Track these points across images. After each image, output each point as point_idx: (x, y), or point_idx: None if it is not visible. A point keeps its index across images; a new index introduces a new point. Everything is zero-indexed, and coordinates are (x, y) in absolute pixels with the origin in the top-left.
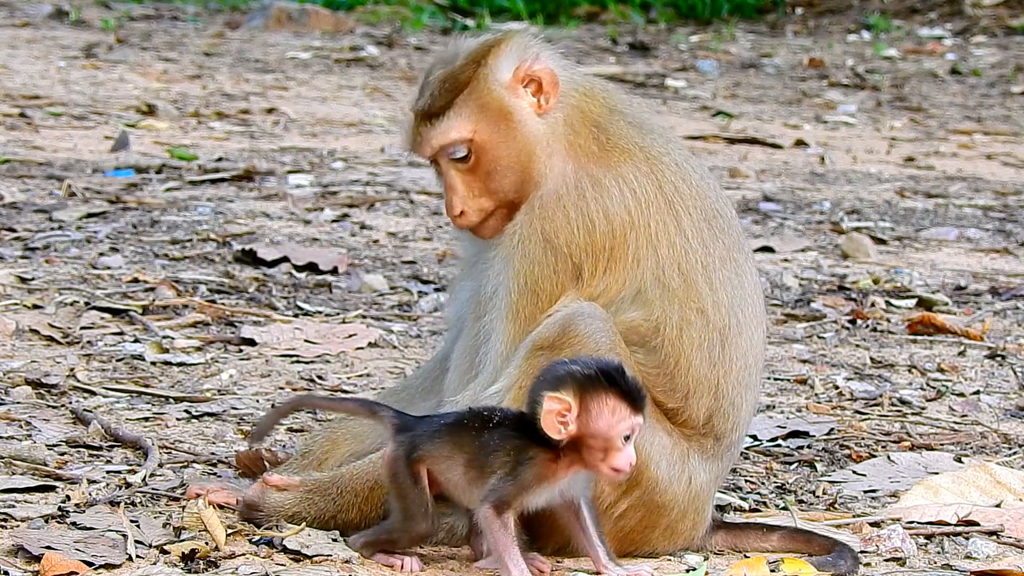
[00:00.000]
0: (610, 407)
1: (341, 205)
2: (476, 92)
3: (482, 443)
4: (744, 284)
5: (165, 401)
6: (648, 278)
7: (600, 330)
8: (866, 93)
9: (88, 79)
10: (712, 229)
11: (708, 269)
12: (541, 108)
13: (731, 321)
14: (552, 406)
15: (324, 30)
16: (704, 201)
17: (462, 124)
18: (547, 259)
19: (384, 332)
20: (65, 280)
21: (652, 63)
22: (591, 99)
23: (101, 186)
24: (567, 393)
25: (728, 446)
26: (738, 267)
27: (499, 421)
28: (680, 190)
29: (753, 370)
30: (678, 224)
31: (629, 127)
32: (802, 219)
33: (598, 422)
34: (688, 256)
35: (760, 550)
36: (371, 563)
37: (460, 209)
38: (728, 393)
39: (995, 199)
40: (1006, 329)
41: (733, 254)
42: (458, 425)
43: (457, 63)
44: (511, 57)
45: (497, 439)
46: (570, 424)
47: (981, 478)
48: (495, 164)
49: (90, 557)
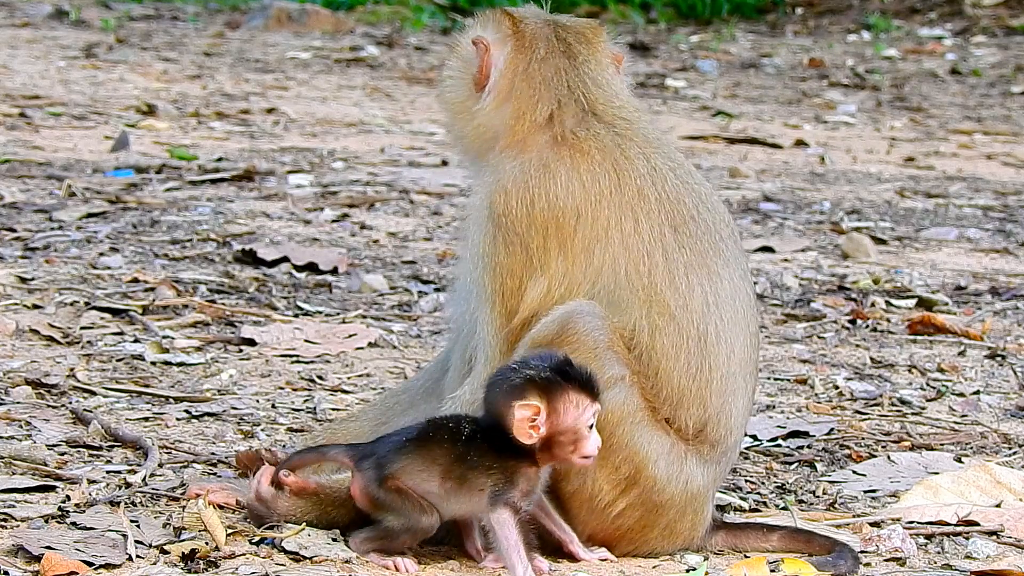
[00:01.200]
0: (573, 401)
1: (341, 205)
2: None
3: (457, 455)
4: (719, 290)
5: (165, 401)
6: (606, 275)
7: (598, 327)
8: (866, 93)
9: (88, 79)
10: (679, 235)
11: (673, 273)
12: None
13: (707, 328)
14: (524, 413)
15: (324, 30)
16: (675, 206)
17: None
18: (494, 231)
19: (384, 332)
20: (65, 280)
21: (652, 63)
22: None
23: (101, 186)
24: (533, 398)
25: (725, 451)
26: (712, 273)
27: (470, 433)
28: (644, 194)
29: (739, 376)
30: (636, 226)
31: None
32: (802, 219)
33: (566, 418)
34: (647, 259)
35: (760, 550)
36: (372, 563)
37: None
38: (714, 402)
39: (995, 199)
40: (1006, 329)
41: (707, 260)
42: (424, 438)
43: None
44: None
45: (474, 454)
46: (540, 427)
47: (981, 478)
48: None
49: (90, 557)
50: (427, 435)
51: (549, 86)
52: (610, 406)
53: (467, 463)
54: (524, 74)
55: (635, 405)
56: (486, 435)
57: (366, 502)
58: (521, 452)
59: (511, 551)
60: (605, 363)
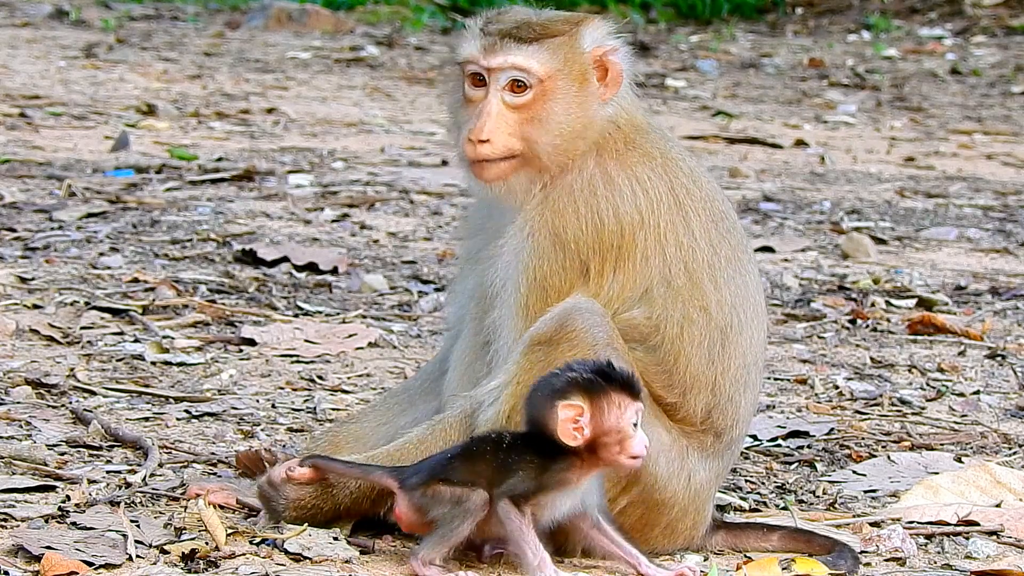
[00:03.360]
0: (616, 401)
1: (341, 205)
2: (567, 46)
3: (499, 464)
4: (747, 284)
5: (165, 401)
6: (655, 277)
7: (597, 325)
8: (866, 93)
9: (88, 79)
10: (719, 230)
11: (713, 268)
12: (604, 95)
13: (733, 320)
14: (567, 414)
15: (324, 30)
16: (712, 203)
17: (546, 60)
18: (556, 254)
19: (384, 332)
20: (65, 280)
21: (652, 63)
22: (634, 104)
23: (101, 186)
24: (576, 399)
25: (728, 444)
26: (741, 267)
27: (511, 442)
28: (691, 192)
29: (752, 369)
30: (687, 224)
31: (656, 133)
32: (802, 219)
33: (609, 418)
34: (695, 255)
35: (760, 550)
36: (372, 563)
37: (489, 135)
38: (726, 389)
39: (995, 199)
40: (1006, 329)
41: (737, 254)
42: (468, 452)
43: (554, 15)
44: (597, 35)
45: (517, 462)
46: (584, 428)
47: (981, 478)
48: (548, 114)
49: (90, 557)
50: (471, 449)
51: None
52: None
53: (507, 471)
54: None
55: None
56: (529, 442)
57: (413, 516)
58: (563, 453)
59: (521, 540)
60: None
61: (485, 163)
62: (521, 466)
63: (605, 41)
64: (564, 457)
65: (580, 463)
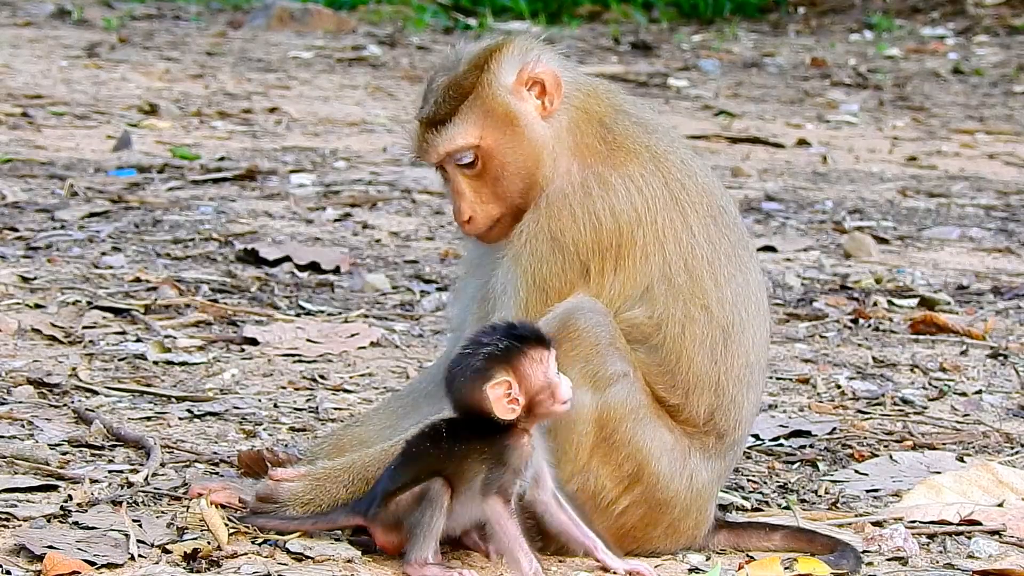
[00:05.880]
0: (535, 358)
1: (343, 204)
2: (480, 98)
3: (445, 454)
4: (749, 281)
5: (167, 400)
6: (655, 274)
7: (599, 324)
8: (868, 92)
9: (90, 78)
10: (718, 226)
11: (714, 266)
12: (546, 110)
13: (735, 318)
14: (498, 392)
15: (326, 29)
16: (709, 198)
17: (468, 130)
18: (555, 257)
19: (386, 331)
20: (67, 279)
21: (654, 62)
22: (595, 99)
23: (103, 185)
24: (501, 374)
25: (730, 444)
26: (742, 264)
27: (449, 431)
28: (686, 187)
29: (755, 368)
30: (685, 220)
31: (634, 126)
32: (804, 218)
33: (537, 377)
34: (695, 252)
35: (762, 550)
36: (374, 562)
37: (469, 215)
38: (729, 390)
39: (997, 198)
40: (1008, 328)
41: (738, 251)
42: (410, 457)
43: (460, 69)
44: (513, 61)
45: (461, 448)
46: (519, 398)
47: (983, 477)
48: (502, 169)
49: (92, 556)
50: (411, 452)
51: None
52: (612, 403)
53: (457, 459)
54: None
55: (638, 402)
56: (466, 427)
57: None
58: (505, 427)
59: (513, 545)
60: (607, 360)
61: (483, 234)
62: (470, 453)
63: (526, 58)
64: (506, 431)
65: (521, 428)
